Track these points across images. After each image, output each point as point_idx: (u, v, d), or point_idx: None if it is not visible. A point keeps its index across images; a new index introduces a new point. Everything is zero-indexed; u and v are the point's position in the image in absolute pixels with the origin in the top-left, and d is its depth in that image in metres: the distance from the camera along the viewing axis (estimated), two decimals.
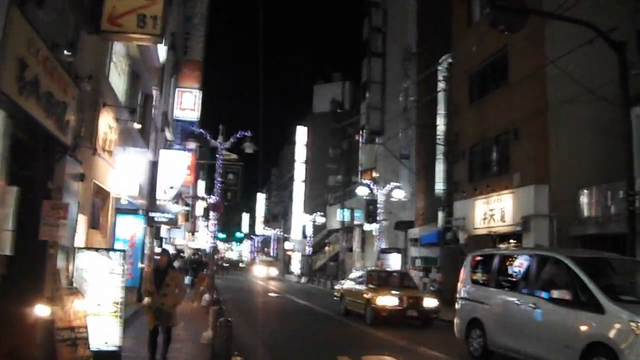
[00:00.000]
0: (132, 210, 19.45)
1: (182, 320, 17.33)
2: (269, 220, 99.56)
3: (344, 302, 21.18)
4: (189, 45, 28.21)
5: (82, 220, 10.42)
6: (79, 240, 10.22)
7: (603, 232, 18.34)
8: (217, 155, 20.18)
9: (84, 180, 10.03)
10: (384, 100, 42.00)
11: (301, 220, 65.23)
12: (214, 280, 20.29)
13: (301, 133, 74.30)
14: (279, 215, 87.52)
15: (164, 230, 29.33)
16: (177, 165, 20.60)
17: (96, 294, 8.94)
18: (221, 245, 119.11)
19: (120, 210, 19.15)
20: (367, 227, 43.76)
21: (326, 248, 62.72)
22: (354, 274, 22.81)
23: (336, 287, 23.85)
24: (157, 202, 20.54)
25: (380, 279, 20.16)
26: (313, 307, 24.70)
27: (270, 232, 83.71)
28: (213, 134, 21.38)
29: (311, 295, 32.70)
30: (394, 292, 18.54)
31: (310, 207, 64.19)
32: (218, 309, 9.88)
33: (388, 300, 17.90)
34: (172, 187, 20.34)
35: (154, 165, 20.62)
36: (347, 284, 21.72)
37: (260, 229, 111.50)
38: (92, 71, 10.88)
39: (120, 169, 13.39)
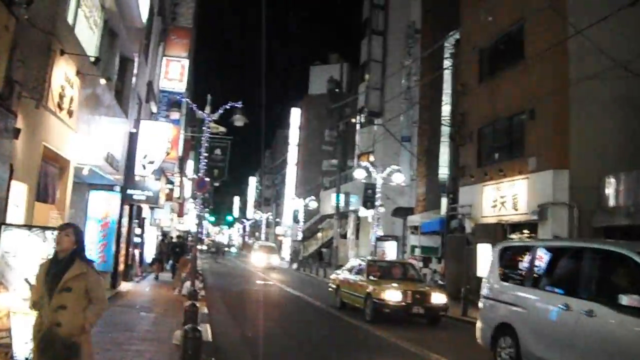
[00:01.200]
0: (106, 187, 17.42)
1: (157, 312, 15.41)
2: (260, 204, 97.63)
3: (340, 294, 19.22)
4: (178, 12, 26.05)
5: (22, 190, 8.33)
6: (17, 215, 8.14)
7: (636, 223, 16.35)
8: (203, 128, 18.05)
9: (21, 138, 7.96)
10: (384, 80, 39.91)
11: (293, 205, 63.18)
12: (196, 264, 18.26)
13: (295, 115, 72.25)
14: (270, 199, 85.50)
15: (146, 210, 27.20)
16: (158, 138, 18.51)
17: (25, 287, 6.82)
18: (211, 229, 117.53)
19: (93, 186, 17.15)
20: (362, 213, 41.89)
21: (319, 234, 60.79)
22: (351, 262, 20.78)
23: (331, 276, 21.82)
24: (136, 178, 18.45)
25: (382, 270, 18.12)
26: (305, 299, 22.72)
27: (260, 215, 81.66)
28: (201, 107, 19.22)
29: (303, 283, 30.74)
30: (397, 285, 16.54)
31: (304, 191, 62.19)
32: (190, 308, 7.78)
33: (391, 295, 15.88)
34: (152, 162, 18.28)
35: (132, 137, 18.56)
36: (344, 274, 19.72)
37: (251, 212, 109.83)
38: (45, 9, 8.76)
39: (86, 135, 11.26)
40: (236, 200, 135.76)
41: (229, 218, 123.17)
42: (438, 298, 16.27)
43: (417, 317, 16.14)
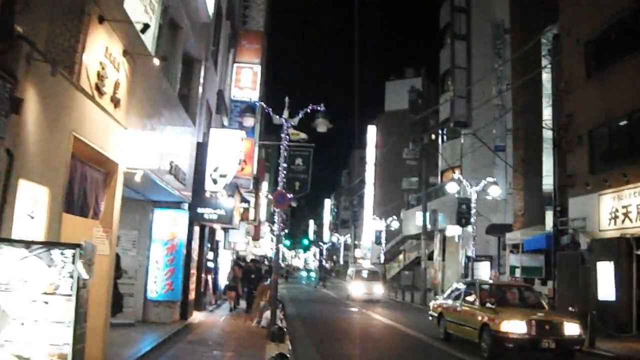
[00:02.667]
0: (172, 204, 15.27)
1: (234, 350, 13.04)
2: (337, 227, 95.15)
3: (444, 324, 16.35)
4: (248, 15, 23.98)
5: (39, 195, 6.00)
6: (32, 229, 5.80)
7: None
8: (281, 135, 15.68)
9: (37, 121, 5.69)
10: (470, 88, 36.86)
11: (373, 226, 60.31)
12: (276, 292, 15.76)
13: (372, 133, 69.67)
14: (348, 221, 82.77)
15: (219, 233, 25.07)
16: (230, 148, 16.24)
17: (15, 334, 4.41)
18: (287, 253, 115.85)
19: (157, 204, 15.04)
20: (449, 232, 38.71)
21: (400, 256, 57.61)
22: (455, 286, 17.88)
23: (431, 303, 18.92)
24: (206, 194, 16.22)
25: (496, 295, 15.12)
26: (400, 328, 19.91)
27: (338, 238, 79.07)
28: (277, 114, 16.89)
29: (391, 309, 27.78)
30: (521, 313, 13.57)
31: (383, 211, 59.22)
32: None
33: (515, 326, 12.92)
34: (224, 175, 16.00)
35: (201, 148, 16.37)
36: (447, 301, 16.87)
37: (327, 235, 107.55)
38: None
39: (142, 137, 8.96)
40: (311, 223, 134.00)
41: (305, 241, 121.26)
42: (571, 329, 13.18)
43: (547, 352, 13.09)
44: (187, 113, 15.13)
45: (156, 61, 9.40)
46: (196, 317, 17.51)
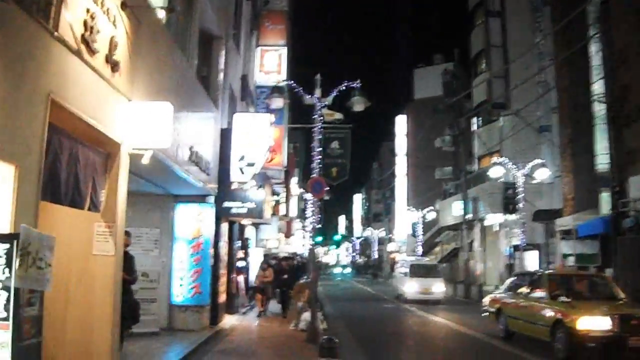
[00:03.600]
0: (196, 198, 13.70)
1: (268, 356, 11.42)
2: (369, 221, 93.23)
3: (505, 320, 14.55)
4: None
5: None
6: None
7: None
8: (313, 117, 14.02)
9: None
10: (507, 67, 34.75)
11: (407, 218, 58.39)
12: (316, 292, 14.12)
13: (401, 123, 67.53)
14: (380, 215, 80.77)
15: (250, 230, 23.48)
16: (257, 133, 14.59)
17: None
18: (319, 249, 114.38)
19: (180, 198, 13.50)
20: (489, 221, 36.73)
21: (437, 248, 55.56)
22: (515, 278, 16.03)
23: (486, 298, 17.05)
24: (233, 186, 14.60)
25: (568, 286, 13.27)
26: (452, 326, 18.14)
27: (371, 232, 77.15)
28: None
29: (434, 304, 25.80)
30: (600, 307, 11.74)
31: (416, 203, 57.17)
32: None
33: (596, 322, 11.10)
34: (251, 164, 14.36)
35: (225, 135, 14.78)
36: (506, 294, 15.06)
37: (358, 230, 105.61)
38: None
39: (150, 109, 7.31)
40: (341, 219, 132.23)
41: (337, 237, 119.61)
42: None
43: (636, 352, 11.22)
44: (207, 94, 13.52)
45: (162, 13, 7.76)
46: (228, 321, 15.91)
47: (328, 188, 14.01)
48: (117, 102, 6.80)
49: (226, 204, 15.23)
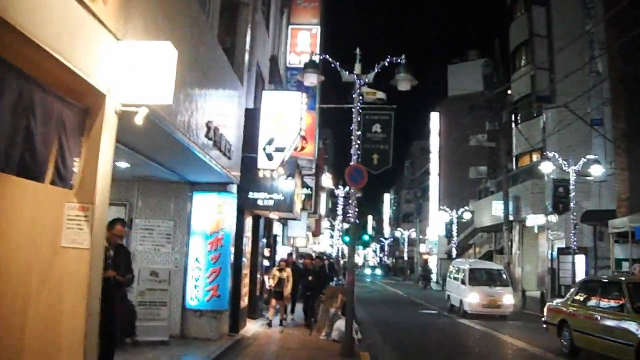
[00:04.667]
0: (216, 186, 11.93)
1: None
2: (397, 221, 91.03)
3: (569, 335, 12.56)
4: None
5: None
6: None
7: None
8: (353, 96, 12.15)
9: None
10: (551, 58, 32.49)
11: (439, 218, 56.24)
12: (352, 297, 12.21)
13: (435, 120, 65.29)
14: (412, 215, 78.45)
15: (277, 227, 21.66)
16: (288, 114, 12.76)
17: None
18: (346, 249, 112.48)
19: (197, 187, 11.75)
20: (529, 222, 34.55)
21: (470, 250, 53.34)
22: (581, 284, 13.95)
23: (547, 307, 14.96)
24: (259, 174, 12.78)
25: None
26: (500, 337, 16.15)
27: (401, 233, 74.95)
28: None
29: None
30: None
31: (448, 203, 55.02)
32: None
33: None
34: (280, 149, 12.53)
35: (251, 116, 12.99)
36: (571, 304, 13.03)
37: (387, 231, 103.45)
38: None
39: (147, 51, 5.43)
40: (370, 219, 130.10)
41: (365, 237, 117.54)
42: None
43: None
44: (231, 68, 11.70)
45: None
46: (250, 328, 14.08)
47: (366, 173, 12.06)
48: (101, 39, 4.99)
49: (251, 195, 13.39)
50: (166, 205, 11.98)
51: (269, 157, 12.55)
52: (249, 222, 14.33)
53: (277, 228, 21.74)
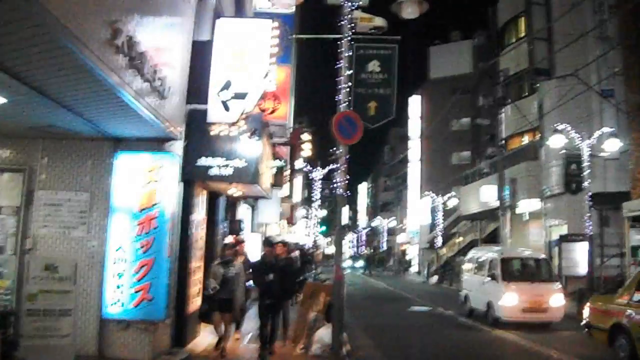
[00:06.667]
0: (148, 143, 8.47)
1: None
2: (375, 210, 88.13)
3: (626, 343, 9.42)
4: None
5: None
6: None
7: None
8: (341, 22, 8.78)
9: None
10: (550, 28, 29.51)
11: (420, 207, 53.59)
12: (342, 299, 8.84)
13: (415, 104, 62.27)
14: (389, 204, 75.47)
15: (243, 211, 18.20)
16: (252, 49, 9.32)
17: None
18: (322, 240, 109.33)
19: (122, 144, 8.31)
20: (520, 208, 32.14)
21: (455, 239, 50.57)
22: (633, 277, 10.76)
23: (587, 306, 11.64)
24: (211, 131, 9.35)
25: None
26: (526, 346, 12.92)
27: (380, 222, 72.13)
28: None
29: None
30: None
31: (428, 191, 52.25)
32: None
33: None
34: (240, 96, 9.11)
35: (201, 51, 9.51)
36: (627, 303, 9.86)
37: (363, 221, 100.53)
38: None
39: None
40: (345, 210, 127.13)
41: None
42: None
43: None
44: None
45: None
46: (203, 339, 10.64)
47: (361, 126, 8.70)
48: None
49: (202, 162, 9.86)
50: (80, 171, 8.51)
51: (225, 106, 9.13)
52: (201, 200, 10.89)
53: (244, 212, 18.25)
